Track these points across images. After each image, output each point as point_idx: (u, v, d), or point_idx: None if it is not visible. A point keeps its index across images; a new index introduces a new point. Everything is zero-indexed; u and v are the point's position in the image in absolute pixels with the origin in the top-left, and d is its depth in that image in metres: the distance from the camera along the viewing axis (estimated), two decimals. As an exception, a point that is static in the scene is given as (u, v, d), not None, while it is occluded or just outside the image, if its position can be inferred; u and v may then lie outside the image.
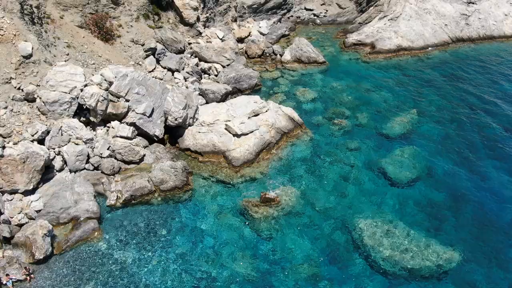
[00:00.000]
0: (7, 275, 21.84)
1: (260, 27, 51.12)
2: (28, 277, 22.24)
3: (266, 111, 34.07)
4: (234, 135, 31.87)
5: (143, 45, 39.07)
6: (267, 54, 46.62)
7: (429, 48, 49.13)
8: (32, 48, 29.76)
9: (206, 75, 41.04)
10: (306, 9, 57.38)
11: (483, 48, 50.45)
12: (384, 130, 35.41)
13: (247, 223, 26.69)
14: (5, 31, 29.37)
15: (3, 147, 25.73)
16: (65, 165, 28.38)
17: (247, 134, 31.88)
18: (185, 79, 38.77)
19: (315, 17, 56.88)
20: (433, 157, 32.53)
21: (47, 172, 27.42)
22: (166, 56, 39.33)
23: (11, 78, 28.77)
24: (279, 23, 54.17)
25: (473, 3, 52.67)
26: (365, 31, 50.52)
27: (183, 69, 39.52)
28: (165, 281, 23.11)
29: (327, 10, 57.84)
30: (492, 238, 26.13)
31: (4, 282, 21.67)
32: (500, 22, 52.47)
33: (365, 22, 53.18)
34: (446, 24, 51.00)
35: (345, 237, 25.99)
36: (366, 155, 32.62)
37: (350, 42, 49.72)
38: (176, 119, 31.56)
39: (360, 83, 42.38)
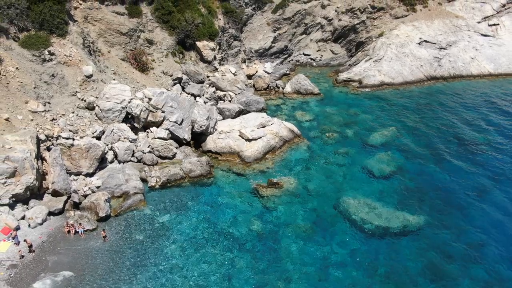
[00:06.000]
0: (80, 224, 29.37)
1: (265, 67, 60.76)
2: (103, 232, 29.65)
3: (271, 124, 42.56)
4: (246, 139, 40.12)
5: (171, 75, 48.38)
6: (271, 88, 55.81)
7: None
8: (93, 70, 38.88)
9: (221, 101, 49.93)
10: (304, 54, 67.48)
11: (453, 85, 59.61)
12: (368, 141, 43.72)
13: (257, 199, 34.31)
14: (72, 57, 38.62)
15: (73, 139, 34.01)
16: (115, 158, 36.49)
17: (256, 139, 40.19)
18: (205, 102, 47.55)
19: (312, 61, 66.87)
20: (406, 159, 40.55)
21: (101, 163, 35.46)
22: (189, 84, 48.43)
23: (76, 91, 37.66)
24: (281, 64, 64.12)
25: (444, 49, 62.64)
26: (354, 70, 60.13)
27: (203, 95, 48.49)
28: (195, 235, 30.47)
29: (322, 55, 67.92)
30: (449, 211, 33.59)
31: (78, 230, 29.16)
32: (468, 64, 62.16)
33: (354, 63, 63.01)
34: (421, 65, 60.66)
35: (333, 209, 33.63)
36: (352, 157, 40.69)
37: (341, 79, 59.14)
38: (201, 127, 39.99)
39: (349, 109, 51.20)
